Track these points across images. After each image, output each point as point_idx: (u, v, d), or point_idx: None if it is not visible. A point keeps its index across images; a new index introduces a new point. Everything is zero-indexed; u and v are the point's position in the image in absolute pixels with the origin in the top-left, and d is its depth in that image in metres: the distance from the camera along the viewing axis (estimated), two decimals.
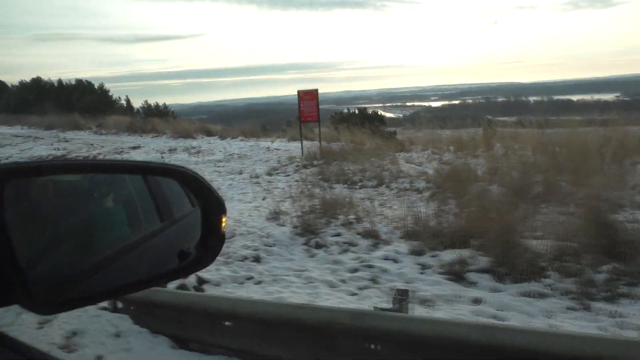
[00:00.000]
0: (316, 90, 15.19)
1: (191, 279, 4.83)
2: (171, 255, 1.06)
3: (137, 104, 45.50)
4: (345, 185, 9.82)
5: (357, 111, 34.74)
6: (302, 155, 14.89)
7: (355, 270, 5.02)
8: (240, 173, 12.15)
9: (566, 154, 9.79)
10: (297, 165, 12.67)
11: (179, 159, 15.23)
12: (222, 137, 21.75)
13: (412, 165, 11.32)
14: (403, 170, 10.73)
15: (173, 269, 1.04)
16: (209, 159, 15.16)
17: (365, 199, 8.52)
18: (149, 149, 18.21)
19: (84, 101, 36.11)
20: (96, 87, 45.08)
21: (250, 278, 4.99)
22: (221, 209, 1.00)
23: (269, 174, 11.64)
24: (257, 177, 11.32)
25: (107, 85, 44.69)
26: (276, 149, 17.15)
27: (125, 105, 44.71)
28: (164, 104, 46.43)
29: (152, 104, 45.82)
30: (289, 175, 11.44)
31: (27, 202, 0.79)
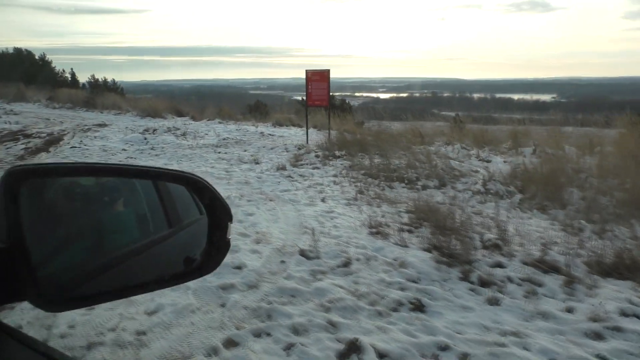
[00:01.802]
0: (328, 71, 13.13)
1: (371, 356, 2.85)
2: (178, 260, 1.03)
3: (81, 78, 41.41)
4: (404, 185, 7.96)
5: None
6: (307, 143, 12.88)
7: (599, 336, 3.20)
8: (257, 162, 9.95)
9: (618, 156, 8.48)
10: (317, 156, 10.64)
11: (167, 141, 12.72)
12: (195, 119, 19.23)
13: (453, 161, 9.62)
14: (454, 167, 9.00)
15: (178, 273, 1.00)
16: (202, 143, 12.76)
17: (444, 203, 6.71)
18: (118, 127, 15.47)
19: (27, 72, 31.87)
20: (37, 57, 40.49)
21: (444, 347, 3.05)
22: (228, 217, 0.95)
23: (293, 166, 9.55)
24: (283, 168, 9.20)
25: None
26: (270, 134, 14.98)
27: (69, 78, 40.51)
28: (113, 79, 42.52)
29: (100, 79, 41.76)
30: (318, 168, 9.40)
31: (40, 203, 0.79)
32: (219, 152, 11.39)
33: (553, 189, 7.13)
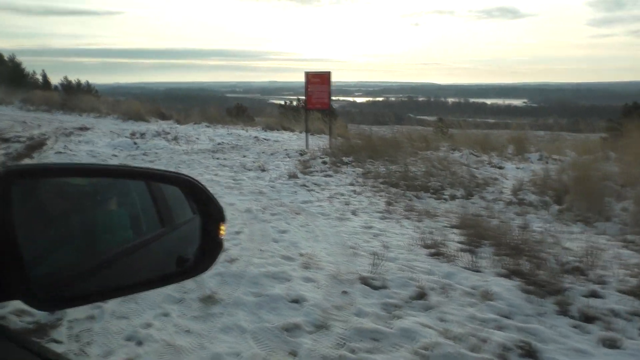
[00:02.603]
0: (329, 73, 12.47)
1: None
2: (170, 260, 1.02)
3: (53, 80, 39.85)
4: (430, 195, 7.35)
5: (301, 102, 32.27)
6: (308, 148, 12.20)
7: None
8: (263, 170, 9.19)
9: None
10: (324, 162, 9.96)
11: (159, 146, 11.83)
12: (179, 122, 18.30)
13: (469, 169, 9.09)
14: (476, 176, 8.46)
15: (170, 273, 0.98)
16: (197, 148, 11.93)
17: (482, 215, 6.14)
18: (101, 131, 14.47)
19: None
20: (6, 58, 38.62)
21: None
22: (220, 217, 0.93)
23: (304, 173, 8.84)
24: (294, 176, 8.48)
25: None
26: (265, 139, 14.24)
27: (41, 80, 38.81)
28: (87, 81, 40.98)
29: (74, 81, 40.15)
30: (330, 176, 8.71)
31: (33, 203, 0.78)
32: (218, 158, 10.60)
33: (591, 199, 6.64)
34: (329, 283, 3.79)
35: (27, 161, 9.46)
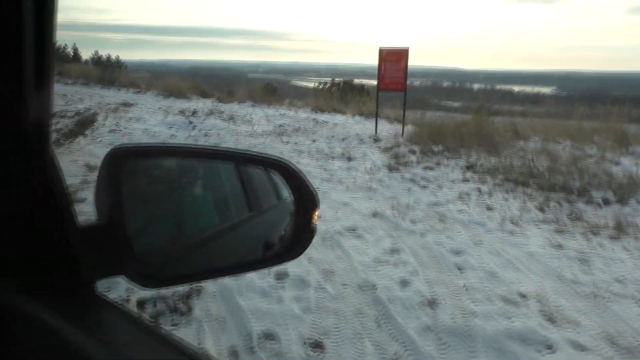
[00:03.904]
0: (406, 50, 10.95)
1: None
2: (257, 245, 0.99)
3: (82, 55, 38.84)
4: (577, 198, 5.90)
5: (341, 83, 30.87)
6: (377, 133, 10.76)
7: None
8: (350, 159, 7.79)
9: None
10: (412, 152, 8.50)
11: (218, 126, 10.46)
12: (221, 100, 16.91)
13: (600, 165, 7.58)
14: (615, 174, 6.97)
15: (259, 258, 0.96)
16: (260, 130, 10.56)
17: None
18: (147, 108, 13.16)
19: None
20: None
21: None
22: (314, 204, 0.86)
23: (401, 164, 7.41)
24: (395, 169, 7.07)
25: None
26: (324, 121, 12.82)
27: (72, 54, 37.72)
28: (117, 56, 39.85)
29: (104, 56, 38.99)
30: (431, 168, 7.23)
31: (131, 183, 0.78)
32: (288, 142, 9.23)
33: None
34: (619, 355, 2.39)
35: (82, 140, 8.18)
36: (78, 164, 6.75)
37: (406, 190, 5.93)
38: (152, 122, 10.64)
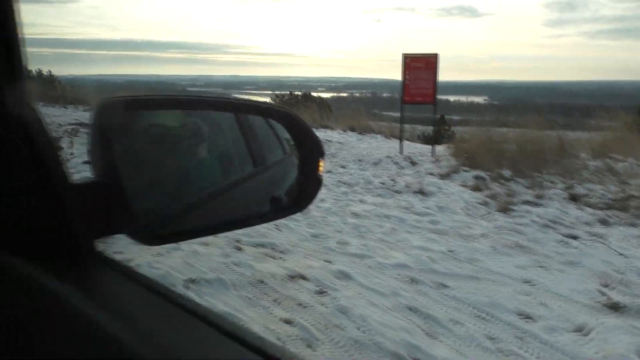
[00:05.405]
0: (435, 56, 9.21)
1: None
2: (264, 199, 0.97)
3: None
4: None
5: (299, 95, 29.36)
6: (401, 153, 8.96)
7: None
8: (423, 193, 5.86)
9: None
10: (478, 178, 6.75)
11: None
12: None
13: None
14: None
15: (267, 212, 0.94)
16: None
17: None
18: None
19: None
20: None
21: None
22: (320, 153, 0.87)
23: (504, 209, 5.57)
24: (505, 210, 5.22)
25: None
26: (326, 140, 10.91)
27: None
28: (49, 71, 35.76)
29: (34, 71, 34.82)
30: (537, 204, 5.50)
31: (128, 140, 0.71)
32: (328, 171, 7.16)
33: None
34: None
35: None
36: None
37: (563, 244, 4.10)
38: None
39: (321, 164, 0.83)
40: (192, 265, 3.31)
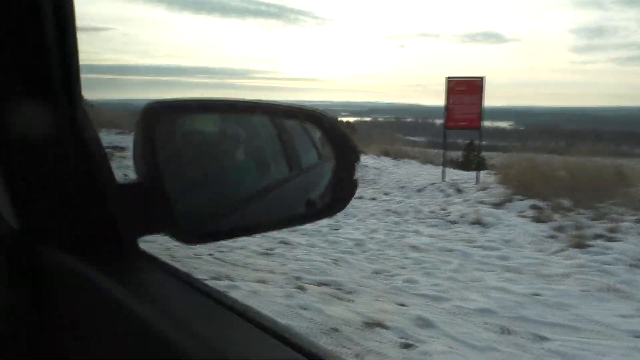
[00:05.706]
0: (481, 80, 8.84)
1: None
2: (299, 202, 0.95)
3: None
4: None
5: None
6: (443, 180, 8.51)
7: None
8: (482, 225, 5.43)
9: None
10: (535, 208, 6.26)
11: None
12: None
13: None
14: None
15: (303, 214, 0.92)
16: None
17: None
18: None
19: None
20: None
21: None
22: (355, 157, 0.83)
23: (582, 245, 5.09)
24: (582, 244, 4.75)
25: None
26: (363, 165, 10.55)
27: None
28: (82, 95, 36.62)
29: None
30: (617, 239, 5.01)
31: (170, 142, 0.73)
32: (361, 197, 6.81)
33: None
34: None
35: None
36: None
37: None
38: None
39: (356, 166, 0.82)
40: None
